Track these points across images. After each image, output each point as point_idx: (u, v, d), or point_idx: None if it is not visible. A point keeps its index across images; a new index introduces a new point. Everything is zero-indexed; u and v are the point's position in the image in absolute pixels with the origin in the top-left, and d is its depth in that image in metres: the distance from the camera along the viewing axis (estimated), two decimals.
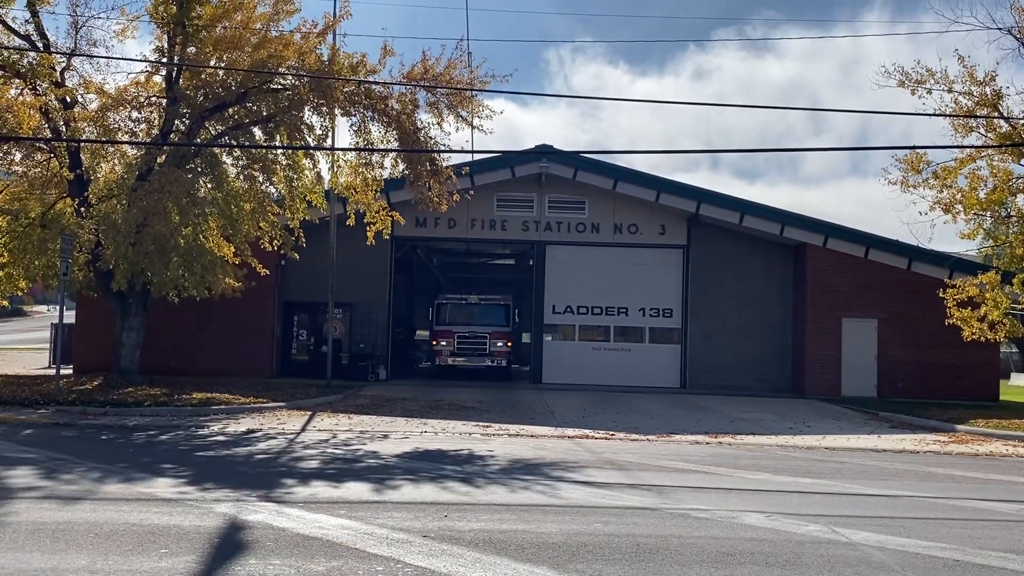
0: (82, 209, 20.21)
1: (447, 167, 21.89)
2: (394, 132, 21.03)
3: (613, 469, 12.79)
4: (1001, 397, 28.23)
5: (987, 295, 22.65)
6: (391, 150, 21.24)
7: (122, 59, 32.55)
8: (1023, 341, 45.70)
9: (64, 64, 21.23)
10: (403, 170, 21.56)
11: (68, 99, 20.91)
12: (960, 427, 20.06)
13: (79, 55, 21.29)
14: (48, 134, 20.69)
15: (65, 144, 20.52)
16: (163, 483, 10.51)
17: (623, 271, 29.46)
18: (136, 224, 19.33)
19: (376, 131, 21.41)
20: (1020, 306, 23.19)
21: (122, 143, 21.22)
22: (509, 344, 30.93)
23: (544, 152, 28.54)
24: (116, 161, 22.33)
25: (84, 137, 20.46)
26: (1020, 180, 22.58)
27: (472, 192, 25.72)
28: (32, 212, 21.79)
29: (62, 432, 15.27)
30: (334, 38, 21.40)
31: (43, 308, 75.05)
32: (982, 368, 27.33)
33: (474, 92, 21.07)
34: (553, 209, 29.50)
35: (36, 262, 21.86)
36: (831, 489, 11.75)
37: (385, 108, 20.80)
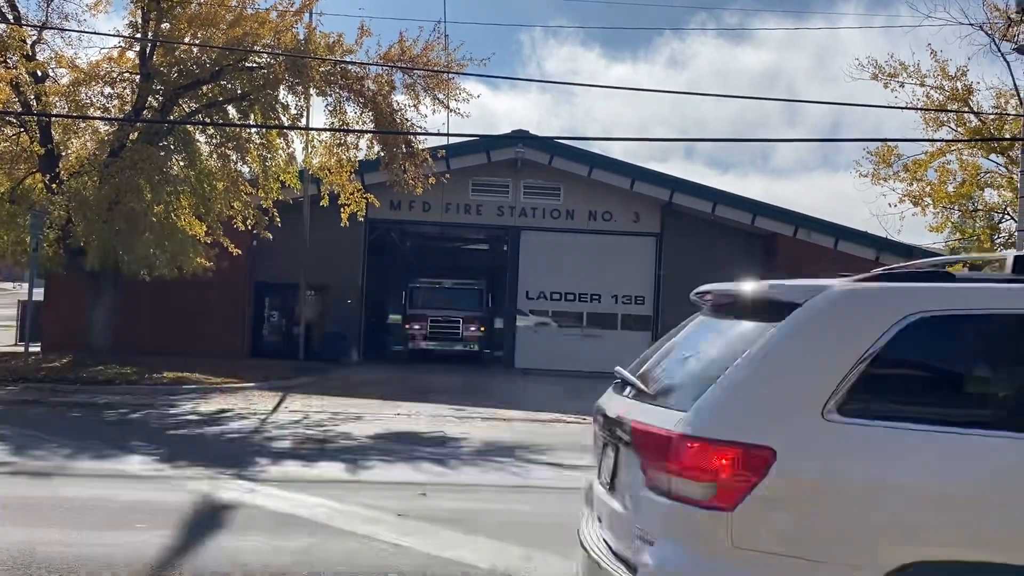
0: (53, 185, 19.98)
1: (423, 150, 21.86)
2: (370, 113, 20.93)
3: (586, 452, 12.89)
4: None
5: None
6: (367, 131, 21.16)
7: (95, 33, 32.23)
8: None
9: (35, 37, 20.93)
10: (378, 151, 21.49)
11: (39, 73, 20.62)
12: None
13: (50, 28, 21.01)
14: (18, 108, 20.40)
15: (36, 119, 20.25)
16: (136, 460, 10.49)
17: (597, 258, 29.55)
18: (108, 201, 19.16)
19: (352, 112, 21.27)
20: None
21: (94, 119, 20.97)
22: (482, 329, 30.99)
23: (520, 137, 28.55)
24: (88, 137, 22.04)
25: (55, 112, 20.20)
26: (988, 175, 23.01)
27: (448, 176, 25.66)
28: (1, 187, 21.50)
29: (31, 409, 15.15)
30: (311, 17, 21.24)
31: (8, 285, 73.92)
32: None
33: (451, 75, 21.05)
34: (528, 195, 29.54)
35: (4, 237, 21.60)
36: None
37: (361, 89, 20.70)
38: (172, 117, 21.04)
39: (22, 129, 21.12)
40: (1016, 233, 20.93)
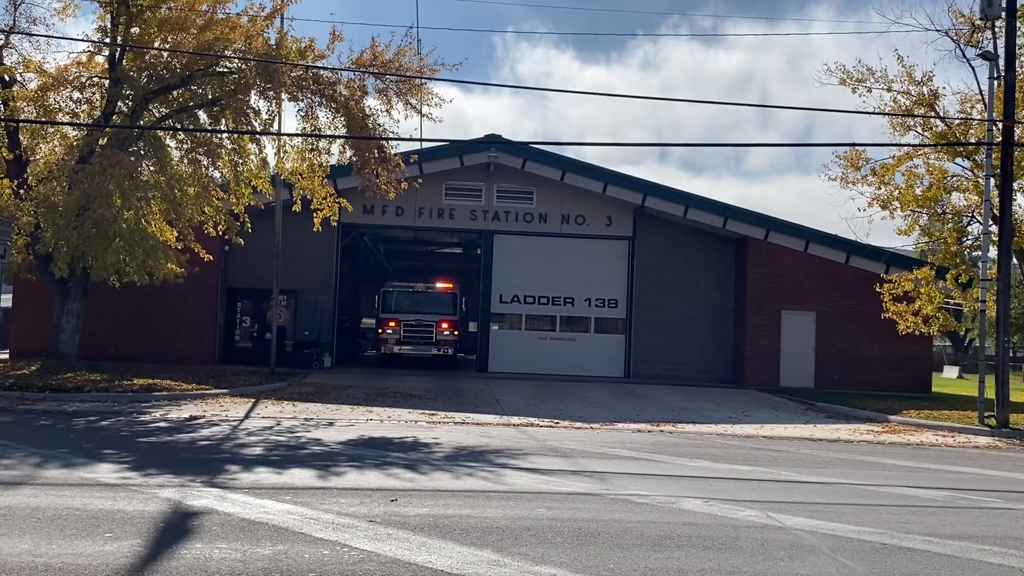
0: (21, 191, 19.79)
1: (395, 154, 21.87)
2: (342, 118, 20.92)
3: (557, 456, 12.98)
4: (933, 389, 29.12)
5: (922, 290, 23.34)
6: (339, 136, 21.14)
7: (63, 38, 31.98)
8: (956, 335, 46.85)
9: (2, 42, 20.73)
10: (351, 157, 21.47)
11: (7, 78, 20.44)
12: (893, 418, 20.66)
13: (18, 32, 20.78)
14: None
15: (3, 124, 20.05)
16: (105, 468, 10.42)
17: (570, 261, 29.72)
18: (77, 207, 18.99)
19: (324, 117, 21.29)
20: (953, 301, 23.94)
21: (63, 124, 20.79)
22: (456, 333, 31.01)
23: (493, 142, 28.61)
24: (57, 142, 21.85)
25: (23, 117, 20.02)
26: (955, 178, 23.29)
27: (420, 180, 25.70)
28: None
29: None
30: (282, 22, 21.23)
31: None
32: (916, 361, 28.14)
33: (423, 80, 21.07)
34: (501, 199, 29.62)
35: None
36: (767, 476, 12.08)
37: (333, 94, 20.68)
38: (142, 122, 20.90)
39: None
40: (982, 236, 21.25)
